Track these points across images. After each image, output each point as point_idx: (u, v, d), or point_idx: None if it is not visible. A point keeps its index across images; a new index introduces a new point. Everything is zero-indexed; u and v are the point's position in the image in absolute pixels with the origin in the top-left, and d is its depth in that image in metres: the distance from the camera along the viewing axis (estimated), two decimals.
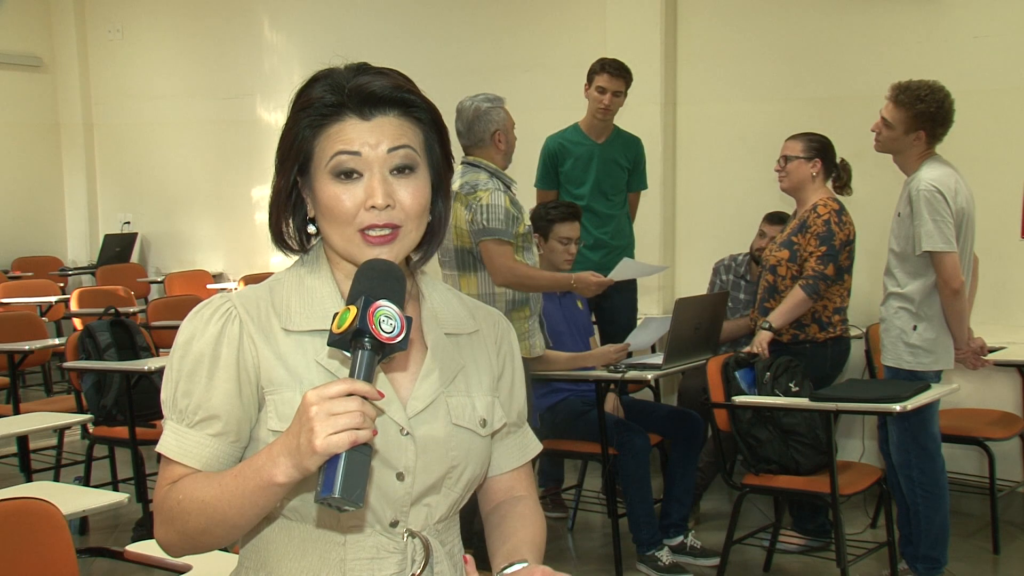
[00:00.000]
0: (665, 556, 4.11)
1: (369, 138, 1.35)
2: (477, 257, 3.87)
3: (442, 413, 1.42)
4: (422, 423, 1.40)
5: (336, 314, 1.24)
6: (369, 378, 1.22)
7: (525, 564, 1.41)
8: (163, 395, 1.39)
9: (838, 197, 4.18)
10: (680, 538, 4.26)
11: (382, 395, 1.23)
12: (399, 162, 1.36)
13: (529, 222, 4.09)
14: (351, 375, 1.22)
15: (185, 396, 1.37)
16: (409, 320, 1.24)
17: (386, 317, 1.22)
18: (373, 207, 1.34)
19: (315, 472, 1.20)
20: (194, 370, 1.36)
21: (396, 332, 1.23)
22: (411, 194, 1.37)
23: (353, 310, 1.22)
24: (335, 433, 1.16)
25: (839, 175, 4.18)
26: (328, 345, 1.25)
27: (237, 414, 1.36)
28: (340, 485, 1.16)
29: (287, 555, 1.39)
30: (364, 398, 1.19)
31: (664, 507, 4.31)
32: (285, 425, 1.31)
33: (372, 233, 1.35)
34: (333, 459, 1.18)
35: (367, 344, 1.22)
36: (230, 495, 1.28)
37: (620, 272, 4.35)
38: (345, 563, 1.37)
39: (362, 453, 1.19)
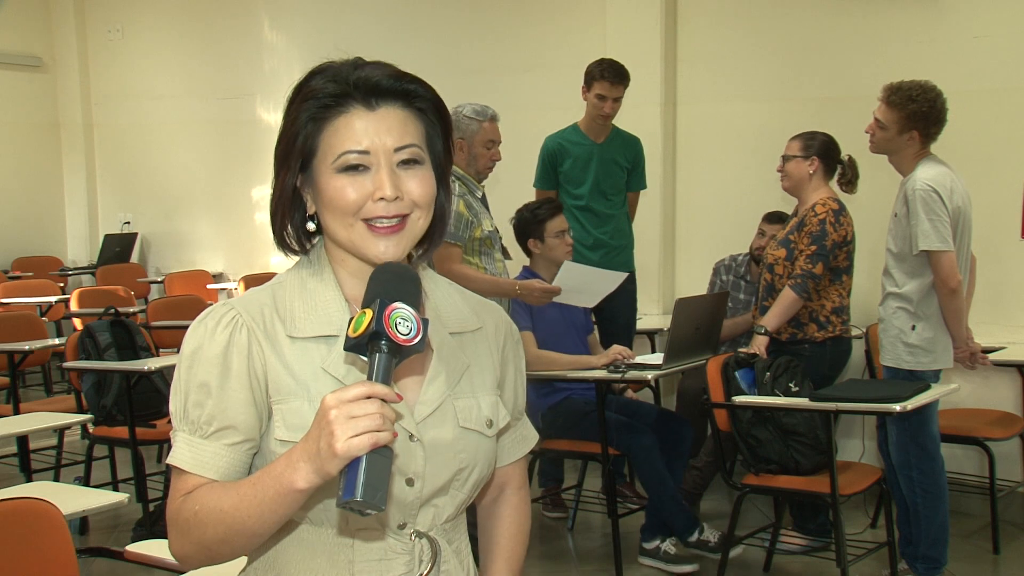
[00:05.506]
0: (669, 546, 4.16)
1: (376, 132, 1.34)
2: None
3: (449, 416, 1.41)
4: (430, 428, 1.39)
5: (352, 318, 1.23)
6: (387, 381, 1.21)
7: None
8: (172, 407, 1.37)
9: (839, 197, 4.17)
10: (676, 539, 4.27)
11: (400, 398, 1.22)
12: (406, 157, 1.36)
13: (491, 228, 4.06)
14: (368, 378, 1.21)
15: (197, 407, 1.34)
16: (426, 322, 1.24)
17: (402, 319, 1.22)
18: (382, 199, 1.33)
19: (335, 477, 1.19)
20: (205, 380, 1.34)
21: (413, 334, 1.22)
22: (419, 183, 1.36)
23: (369, 313, 1.21)
24: (355, 436, 1.15)
25: (844, 172, 4.17)
26: (344, 350, 1.25)
27: (253, 422, 1.35)
28: (362, 488, 1.16)
29: (295, 557, 1.39)
30: (383, 400, 1.18)
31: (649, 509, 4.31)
32: (292, 435, 1.30)
33: (379, 224, 1.34)
34: (354, 463, 1.17)
35: (384, 347, 1.21)
36: (248, 503, 1.26)
37: (563, 278, 4.15)
38: (353, 564, 1.37)
39: (383, 456, 1.18)
